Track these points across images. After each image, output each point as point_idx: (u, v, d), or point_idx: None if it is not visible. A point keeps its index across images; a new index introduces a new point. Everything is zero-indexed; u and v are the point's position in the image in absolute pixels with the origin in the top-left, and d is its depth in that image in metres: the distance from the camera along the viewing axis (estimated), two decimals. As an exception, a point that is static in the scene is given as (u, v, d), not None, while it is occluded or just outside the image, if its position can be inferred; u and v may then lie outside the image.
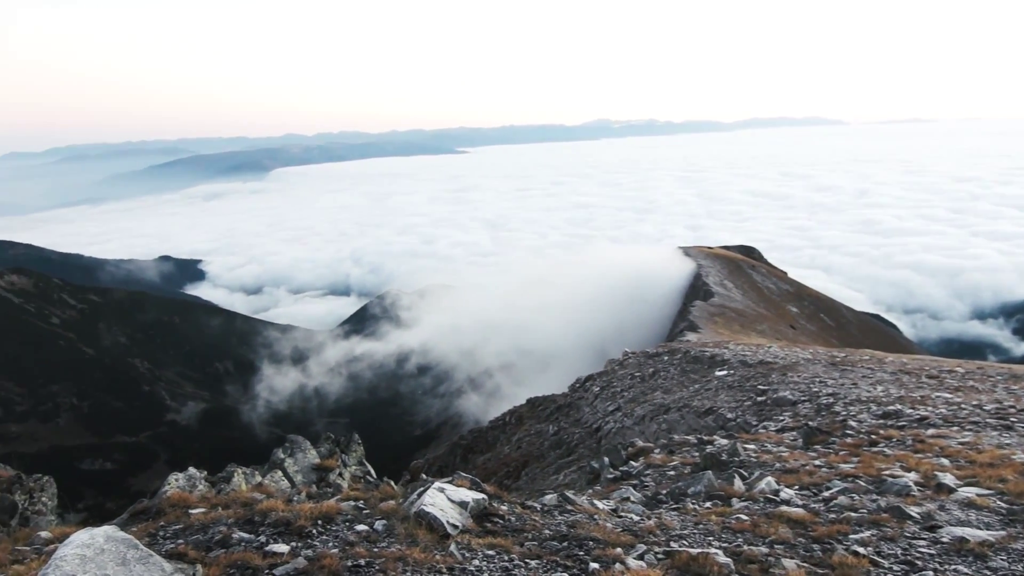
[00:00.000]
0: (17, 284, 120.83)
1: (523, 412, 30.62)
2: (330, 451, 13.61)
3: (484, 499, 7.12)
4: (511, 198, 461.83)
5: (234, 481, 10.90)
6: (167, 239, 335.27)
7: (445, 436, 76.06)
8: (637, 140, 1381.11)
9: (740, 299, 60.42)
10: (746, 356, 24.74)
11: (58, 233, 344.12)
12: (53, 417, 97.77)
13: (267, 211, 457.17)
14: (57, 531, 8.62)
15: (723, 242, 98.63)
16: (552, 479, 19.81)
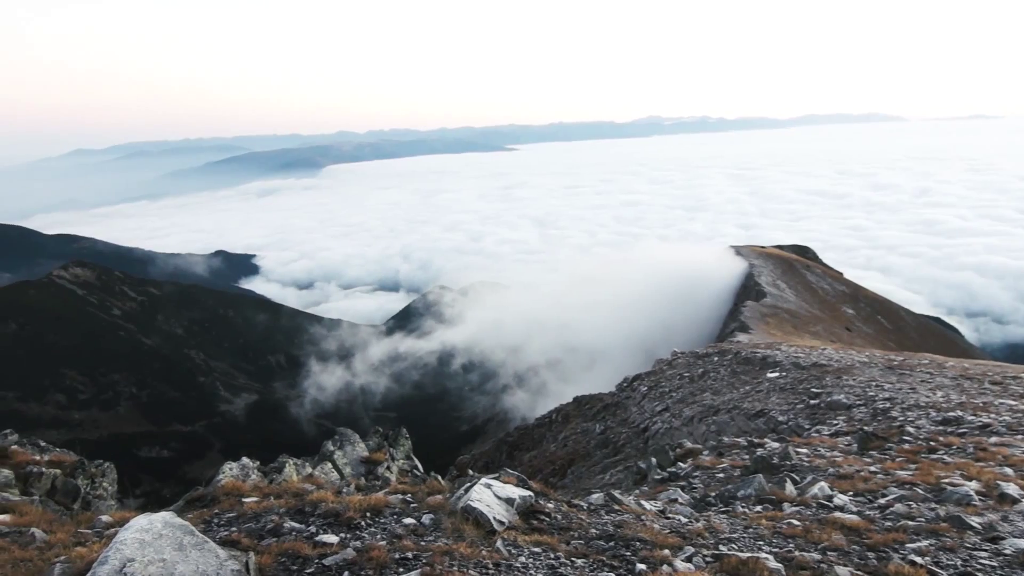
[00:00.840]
0: (81, 276, 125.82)
1: (569, 410, 30.53)
2: (378, 445, 13.79)
3: (530, 496, 7.13)
4: (559, 196, 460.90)
5: (285, 472, 11.13)
6: (223, 234, 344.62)
7: (491, 432, 76.44)
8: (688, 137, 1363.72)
9: (793, 300, 59.10)
10: (799, 358, 24.19)
11: (119, 228, 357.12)
12: (113, 405, 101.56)
13: (319, 207, 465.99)
14: (117, 515, 8.94)
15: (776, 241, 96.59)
16: (598, 478, 19.72)
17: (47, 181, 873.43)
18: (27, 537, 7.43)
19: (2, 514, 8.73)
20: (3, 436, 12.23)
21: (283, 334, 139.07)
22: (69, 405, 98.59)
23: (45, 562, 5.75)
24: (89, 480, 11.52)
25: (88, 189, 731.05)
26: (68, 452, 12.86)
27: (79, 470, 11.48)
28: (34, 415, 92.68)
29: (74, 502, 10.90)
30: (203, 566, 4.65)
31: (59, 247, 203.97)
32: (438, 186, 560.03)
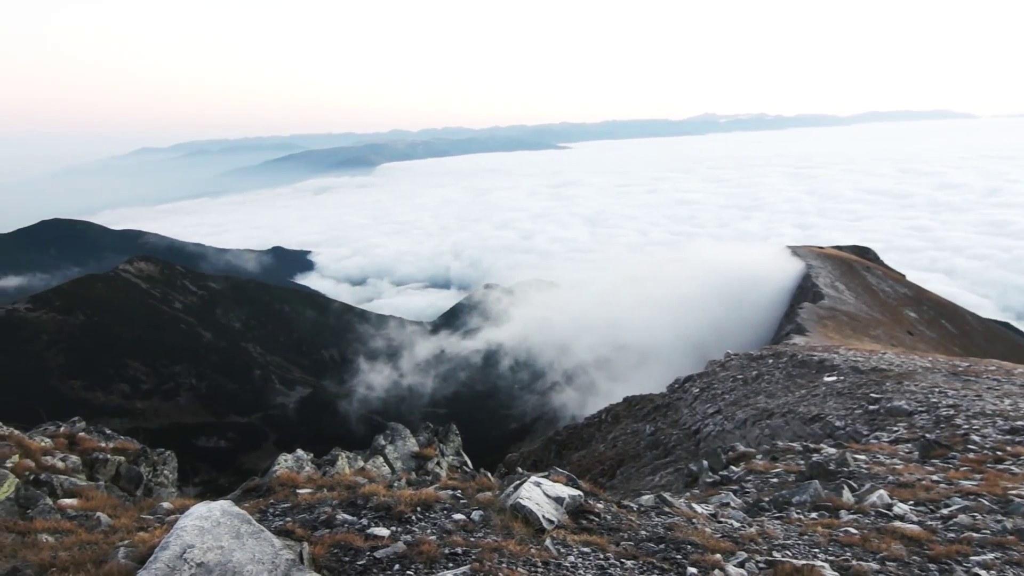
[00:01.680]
0: (145, 271, 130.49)
1: (619, 411, 30.31)
2: (428, 440, 13.92)
3: (580, 496, 7.09)
4: (611, 194, 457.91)
5: (338, 464, 11.33)
6: (279, 231, 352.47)
7: (540, 431, 76.45)
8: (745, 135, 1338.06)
9: (852, 302, 57.47)
10: (858, 362, 23.51)
11: (181, 224, 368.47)
12: (174, 396, 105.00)
13: (372, 205, 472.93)
14: (177, 503, 9.23)
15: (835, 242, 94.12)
16: (648, 480, 19.53)
17: (114, 179, 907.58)
18: (93, 521, 7.74)
19: (70, 498, 9.11)
20: (71, 423, 12.75)
21: (336, 329, 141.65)
22: (132, 395, 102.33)
23: (110, 545, 5.96)
24: (151, 468, 11.93)
25: (152, 186, 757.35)
26: (132, 440, 13.33)
27: (142, 458, 11.90)
28: (100, 403, 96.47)
29: (137, 488, 11.30)
30: (259, 554, 4.76)
31: (124, 242, 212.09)
32: (490, 184, 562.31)
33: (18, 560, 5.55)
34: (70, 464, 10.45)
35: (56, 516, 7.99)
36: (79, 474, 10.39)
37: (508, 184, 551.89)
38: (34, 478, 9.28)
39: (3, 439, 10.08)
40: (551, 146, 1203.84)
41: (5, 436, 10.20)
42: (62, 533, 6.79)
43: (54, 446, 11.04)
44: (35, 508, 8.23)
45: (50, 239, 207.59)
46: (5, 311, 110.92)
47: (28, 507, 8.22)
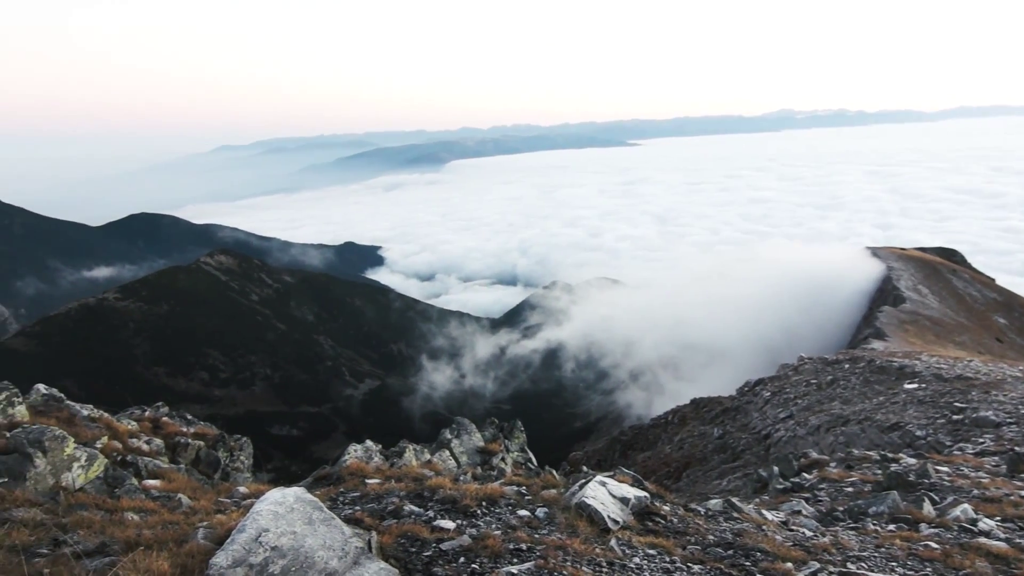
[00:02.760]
0: (224, 263, 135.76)
1: (686, 412, 29.81)
2: (494, 436, 14.01)
3: (646, 497, 7.01)
4: (682, 192, 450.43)
5: (406, 456, 11.53)
6: (351, 226, 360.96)
7: (605, 430, 75.91)
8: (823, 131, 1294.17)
9: (936, 306, 54.84)
10: (941, 369, 22.44)
11: (259, 218, 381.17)
12: (250, 385, 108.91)
13: (442, 201, 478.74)
14: (253, 487, 9.57)
15: (918, 243, 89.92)
16: (715, 484, 19.14)
17: (197, 175, 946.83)
18: (174, 502, 8.10)
19: (154, 479, 9.57)
20: (156, 408, 13.38)
21: (405, 324, 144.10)
22: (211, 382, 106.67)
23: (190, 526, 6.22)
24: (228, 453, 12.40)
25: (232, 182, 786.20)
26: (210, 426, 13.89)
27: (220, 443, 12.39)
28: (181, 390, 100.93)
29: (215, 472, 11.77)
30: (330, 541, 4.88)
31: (206, 236, 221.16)
32: (558, 181, 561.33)
33: (106, 536, 5.85)
34: (154, 447, 10.96)
35: (141, 496, 8.40)
36: (162, 457, 10.88)
37: (577, 181, 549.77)
38: (121, 459, 9.77)
39: (94, 421, 10.65)
40: (621, 143, 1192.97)
41: (96, 419, 10.77)
42: (146, 512, 7.13)
43: (140, 429, 11.61)
44: (122, 488, 8.67)
45: (138, 232, 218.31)
46: (96, 300, 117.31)
47: (115, 486, 8.67)
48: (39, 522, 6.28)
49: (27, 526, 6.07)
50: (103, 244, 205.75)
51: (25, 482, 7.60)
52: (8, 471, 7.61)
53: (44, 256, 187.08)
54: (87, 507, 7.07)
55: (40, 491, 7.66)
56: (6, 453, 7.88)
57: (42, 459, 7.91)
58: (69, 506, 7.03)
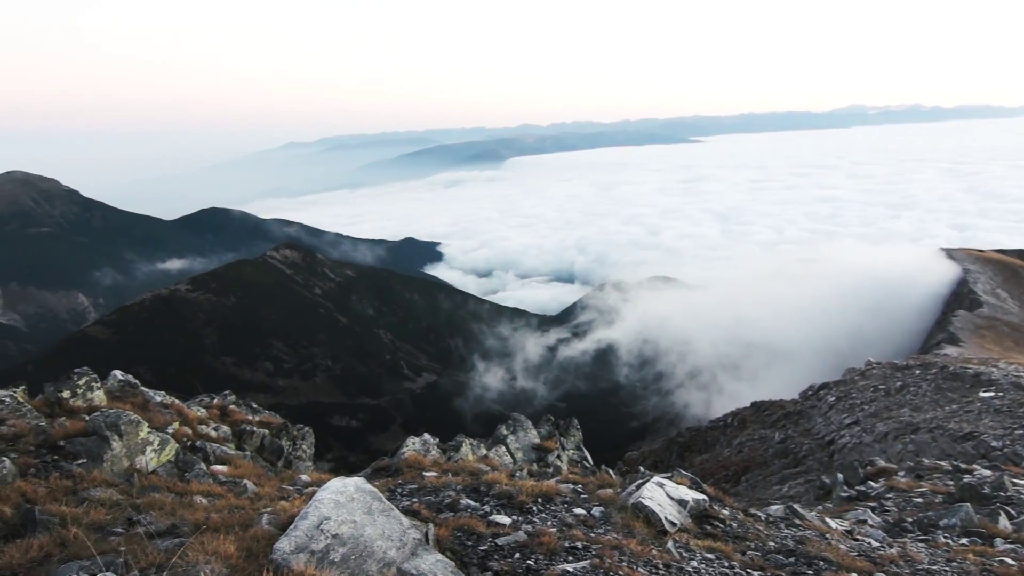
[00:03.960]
0: (289, 257, 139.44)
1: (746, 415, 29.19)
2: (549, 433, 14.00)
3: (704, 500, 6.90)
4: (745, 190, 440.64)
5: (462, 451, 11.63)
6: (411, 222, 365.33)
7: (661, 431, 75.06)
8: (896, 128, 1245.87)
9: (1016, 311, 52.26)
10: (1020, 378, 21.38)
11: (322, 214, 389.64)
12: (311, 376, 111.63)
13: (501, 198, 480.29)
14: (314, 476, 9.81)
15: (997, 245, 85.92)
16: (775, 489, 18.70)
17: (264, 170, 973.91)
18: (240, 487, 8.37)
19: (221, 465, 9.90)
20: (223, 396, 13.83)
21: (462, 320, 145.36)
22: (275, 372, 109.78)
23: (255, 511, 6.41)
24: (291, 442, 12.74)
25: (297, 178, 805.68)
26: (274, 415, 14.29)
27: (283, 432, 12.73)
28: (246, 379, 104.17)
29: (278, 460, 12.11)
30: (388, 531, 4.96)
31: (272, 230, 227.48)
32: (618, 178, 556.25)
33: (176, 518, 6.09)
34: (221, 434, 11.34)
35: (208, 480, 8.71)
36: (229, 443, 11.25)
37: (636, 179, 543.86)
38: (191, 444, 10.15)
39: (166, 407, 11.08)
40: (683, 140, 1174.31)
41: (167, 405, 11.21)
42: (214, 496, 7.38)
43: (208, 416, 12.03)
44: (191, 472, 9.01)
45: (208, 226, 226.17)
46: (168, 291, 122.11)
47: (185, 470, 9.01)
48: (115, 502, 6.58)
49: (104, 505, 6.37)
50: (176, 237, 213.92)
51: (102, 463, 7.97)
52: (87, 453, 7.99)
53: (121, 248, 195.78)
54: (159, 489, 7.38)
55: (116, 472, 8.02)
56: (85, 435, 8.28)
57: (118, 442, 8.27)
58: (142, 488, 7.35)
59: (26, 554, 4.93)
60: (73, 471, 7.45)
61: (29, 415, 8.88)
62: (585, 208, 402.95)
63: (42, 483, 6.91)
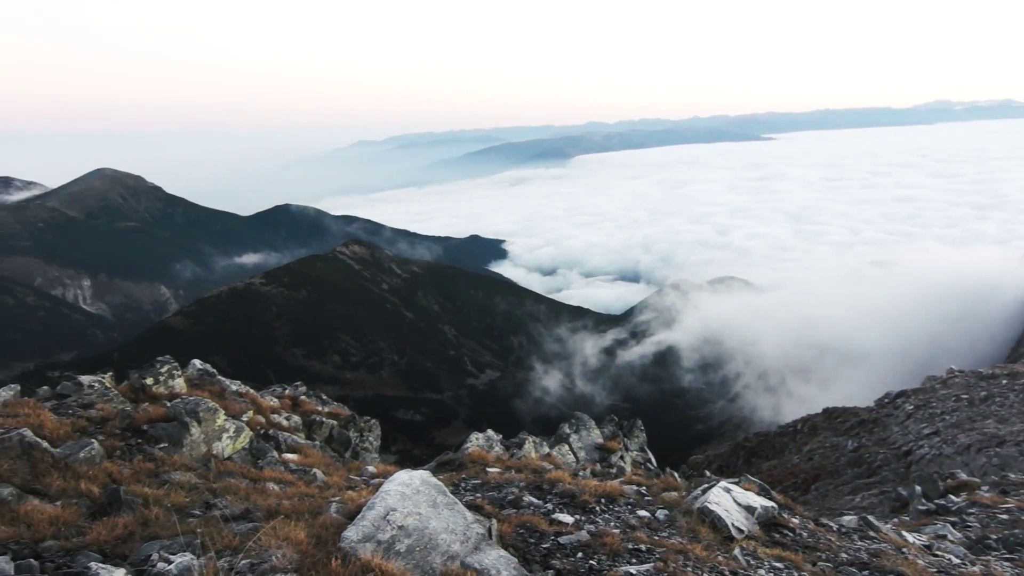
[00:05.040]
0: (358, 253, 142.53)
1: (818, 421, 28.31)
2: (613, 433, 13.90)
3: (773, 508, 6.72)
4: (820, 189, 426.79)
5: (525, 448, 11.66)
6: (476, 220, 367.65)
7: (728, 435, 73.48)
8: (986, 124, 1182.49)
9: (1115, 320, 49.05)
10: (1120, 391, 20.05)
11: (390, 211, 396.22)
12: (378, 369, 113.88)
13: (566, 196, 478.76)
14: (380, 467, 10.01)
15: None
16: (847, 499, 18.07)
17: (335, 168, 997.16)
18: (310, 476, 8.61)
19: (292, 453, 10.20)
20: (295, 387, 14.25)
21: (525, 318, 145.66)
22: (343, 365, 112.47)
23: (323, 500, 6.58)
24: (358, 433, 13.03)
25: (367, 176, 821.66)
26: (343, 406, 14.64)
27: (351, 423, 13.04)
28: (316, 371, 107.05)
29: (346, 451, 12.40)
30: (452, 525, 5.02)
31: (342, 226, 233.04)
32: (686, 177, 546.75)
33: (250, 503, 6.31)
34: (293, 423, 11.69)
35: (280, 468, 9.00)
36: (299, 433, 11.59)
37: (706, 177, 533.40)
38: (264, 433, 10.49)
39: (241, 396, 11.49)
40: (755, 137, 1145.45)
41: (242, 394, 11.63)
42: (285, 484, 7.62)
43: (280, 406, 12.42)
44: (264, 459, 9.32)
45: (281, 222, 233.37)
46: (244, 285, 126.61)
47: (259, 457, 9.32)
48: (193, 485, 6.87)
49: (183, 488, 6.66)
50: (251, 233, 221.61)
51: (182, 448, 8.33)
52: (168, 437, 8.36)
53: (200, 243, 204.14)
54: (234, 475, 7.66)
55: (194, 457, 8.37)
56: (167, 421, 8.67)
57: (197, 428, 8.63)
58: (219, 473, 7.64)
59: (112, 531, 5.20)
60: (155, 454, 7.81)
61: (116, 400, 9.36)
62: (652, 206, 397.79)
63: (127, 465, 7.27)
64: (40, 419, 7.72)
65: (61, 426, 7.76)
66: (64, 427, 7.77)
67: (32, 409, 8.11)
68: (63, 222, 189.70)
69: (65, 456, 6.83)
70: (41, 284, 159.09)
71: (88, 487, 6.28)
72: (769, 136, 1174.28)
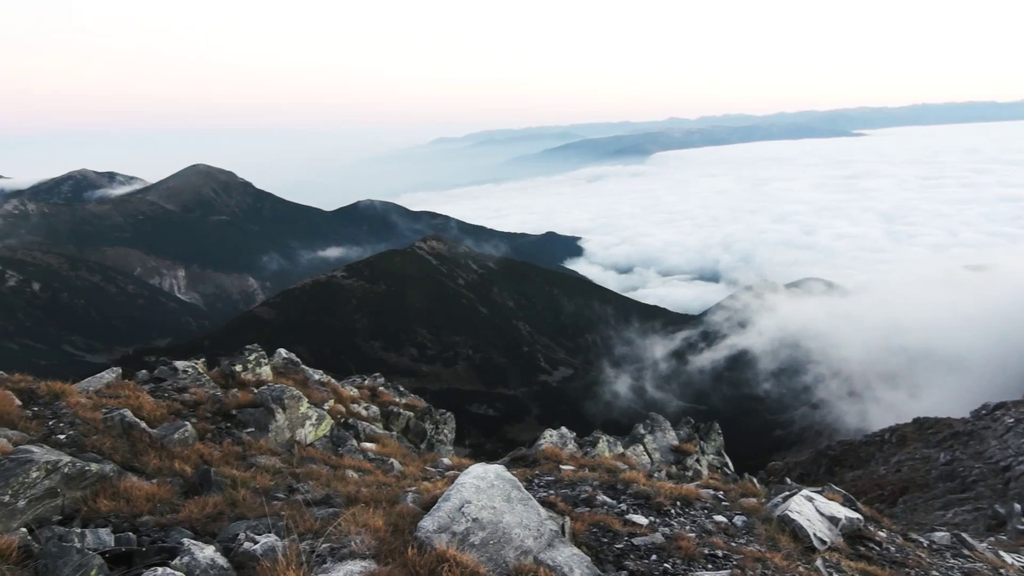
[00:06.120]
0: (435, 248, 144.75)
1: (907, 432, 27.03)
2: (689, 435, 13.65)
3: (859, 519, 6.45)
4: (914, 187, 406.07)
5: (599, 447, 11.59)
6: (553, 216, 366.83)
7: (808, 442, 71.04)
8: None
9: None
10: None
11: (468, 207, 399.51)
12: (453, 363, 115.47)
13: (644, 193, 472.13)
14: (455, 460, 10.15)
15: None
16: (937, 515, 17.19)
17: (414, 165, 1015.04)
18: (387, 465, 8.82)
19: (370, 442, 10.47)
20: (374, 378, 14.61)
21: (601, 316, 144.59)
22: (419, 358, 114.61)
23: (400, 489, 6.73)
24: (434, 425, 13.25)
25: (446, 172, 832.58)
26: (419, 398, 14.93)
27: (427, 415, 13.26)
28: (393, 363, 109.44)
29: (421, 442, 12.64)
30: (526, 520, 5.04)
31: (421, 222, 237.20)
32: (770, 174, 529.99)
33: (330, 489, 6.51)
34: (371, 413, 12.00)
35: (359, 456, 9.25)
36: (377, 423, 11.89)
37: (791, 174, 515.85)
38: (344, 421, 10.82)
39: (323, 385, 11.88)
40: (845, 133, 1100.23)
41: (324, 383, 12.01)
42: (364, 472, 7.83)
43: (359, 396, 12.76)
44: (344, 447, 9.61)
45: (362, 217, 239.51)
46: (326, 278, 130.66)
47: (339, 445, 9.62)
48: (277, 470, 7.14)
49: (268, 472, 6.94)
50: (334, 227, 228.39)
51: (267, 433, 8.68)
52: (255, 422, 8.73)
53: (286, 236, 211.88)
54: (315, 461, 7.93)
55: (278, 442, 8.71)
56: (254, 407, 9.05)
57: (282, 415, 8.97)
58: (301, 459, 7.93)
59: (203, 510, 5.47)
60: (243, 438, 8.16)
61: (207, 385, 9.83)
62: (733, 205, 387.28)
63: (217, 447, 7.63)
64: (139, 401, 8.19)
65: (158, 408, 8.21)
66: (160, 409, 8.22)
67: (132, 391, 8.61)
68: (161, 215, 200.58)
69: (161, 437, 7.23)
70: (140, 274, 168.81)
71: (182, 467, 6.63)
72: (860, 132, 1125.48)
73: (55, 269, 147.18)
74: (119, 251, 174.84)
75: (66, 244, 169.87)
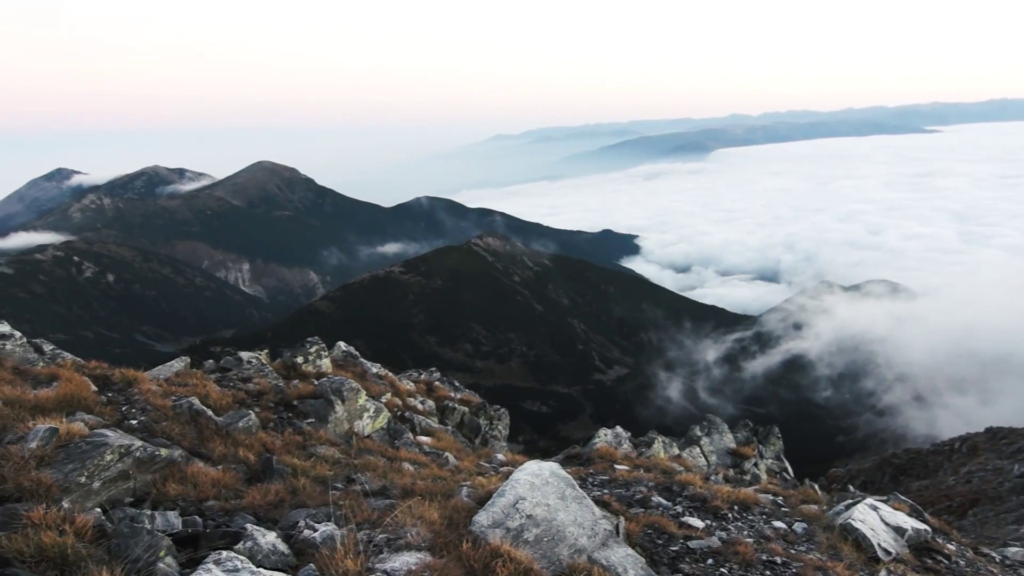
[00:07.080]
0: (492, 245, 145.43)
1: (978, 442, 25.91)
2: (747, 439, 13.40)
3: (926, 531, 6.22)
4: (991, 186, 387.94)
5: (654, 447, 11.47)
6: (609, 214, 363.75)
7: (872, 449, 68.83)
8: None
9: None
10: None
11: (524, 204, 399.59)
12: (507, 360, 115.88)
13: (703, 191, 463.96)
14: (509, 456, 10.20)
15: None
16: (1011, 529, 16.43)
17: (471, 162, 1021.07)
18: (442, 459, 8.92)
19: (426, 436, 10.60)
20: (430, 372, 14.78)
21: (657, 315, 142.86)
22: (474, 354, 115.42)
23: (455, 483, 6.79)
24: (488, 421, 13.33)
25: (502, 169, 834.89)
26: (474, 394, 15.03)
27: (482, 411, 13.35)
28: (448, 358, 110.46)
29: (476, 437, 12.73)
30: (580, 519, 5.03)
31: (477, 219, 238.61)
32: (836, 172, 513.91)
33: (387, 481, 6.62)
34: (427, 407, 12.14)
35: (415, 449, 9.38)
36: (432, 417, 12.03)
37: (858, 172, 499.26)
38: (400, 415, 10.98)
39: (380, 378, 12.08)
40: (916, 130, 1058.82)
41: (382, 376, 12.21)
42: (419, 465, 7.94)
43: (416, 390, 12.93)
44: (400, 440, 9.75)
45: (420, 213, 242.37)
46: (384, 273, 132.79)
47: (395, 438, 9.77)
48: (336, 460, 7.30)
49: (327, 462, 7.10)
50: (392, 223, 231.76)
51: (327, 424, 8.87)
52: (315, 413, 8.94)
53: (346, 232, 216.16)
54: (373, 453, 8.08)
55: (337, 433, 8.89)
56: (314, 398, 9.27)
57: (341, 406, 9.16)
58: (359, 450, 8.09)
59: (265, 497, 5.63)
60: (303, 428, 8.37)
61: (270, 375, 10.11)
62: (796, 203, 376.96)
63: (279, 436, 7.85)
64: (206, 389, 8.49)
65: (223, 397, 8.49)
66: (226, 398, 8.50)
67: (199, 380, 8.93)
68: (227, 210, 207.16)
69: (226, 424, 7.47)
70: (208, 267, 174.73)
71: (246, 454, 6.84)
72: (933, 128, 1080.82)
73: (128, 261, 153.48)
74: (188, 245, 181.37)
75: (139, 237, 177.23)
